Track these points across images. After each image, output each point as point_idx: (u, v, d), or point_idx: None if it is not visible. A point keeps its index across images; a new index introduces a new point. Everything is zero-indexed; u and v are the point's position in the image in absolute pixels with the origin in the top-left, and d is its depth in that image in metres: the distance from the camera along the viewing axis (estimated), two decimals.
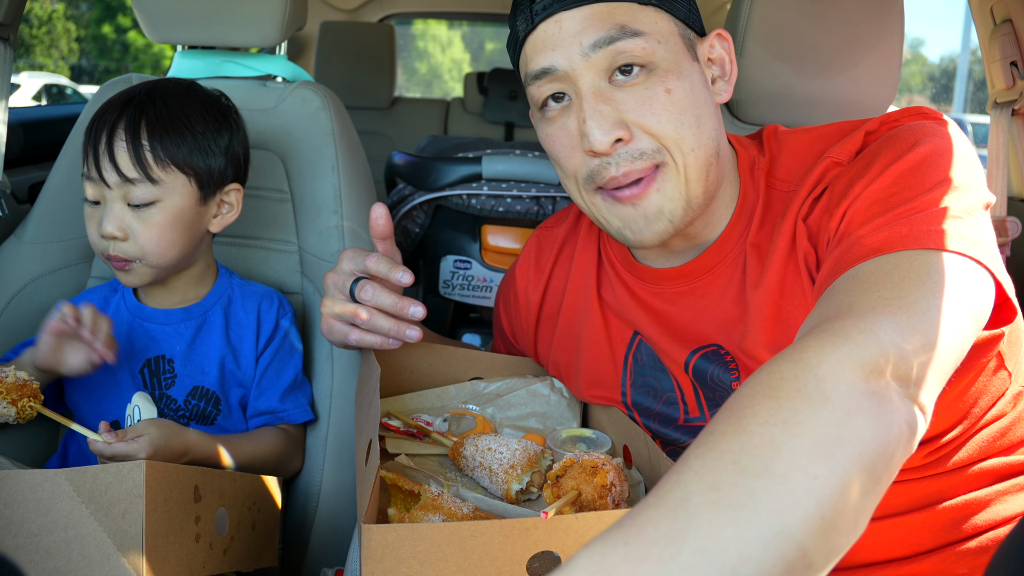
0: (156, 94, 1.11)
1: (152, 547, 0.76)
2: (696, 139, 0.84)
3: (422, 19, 7.23)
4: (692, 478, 0.51)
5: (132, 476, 0.75)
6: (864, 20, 1.21)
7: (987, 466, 0.86)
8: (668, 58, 0.84)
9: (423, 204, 1.92)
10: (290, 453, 1.22)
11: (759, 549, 0.48)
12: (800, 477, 0.51)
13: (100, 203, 1.08)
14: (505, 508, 0.83)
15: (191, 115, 1.11)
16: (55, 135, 1.64)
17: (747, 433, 0.53)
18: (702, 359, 0.92)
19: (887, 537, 0.85)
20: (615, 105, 0.83)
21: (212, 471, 0.89)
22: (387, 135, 3.35)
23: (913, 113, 0.85)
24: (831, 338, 0.60)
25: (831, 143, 0.89)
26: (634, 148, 0.83)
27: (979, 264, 0.70)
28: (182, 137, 1.08)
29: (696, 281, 0.93)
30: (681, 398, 0.95)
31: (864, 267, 0.71)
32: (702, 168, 0.85)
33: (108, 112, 1.09)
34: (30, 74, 12.14)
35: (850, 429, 0.54)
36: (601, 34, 0.82)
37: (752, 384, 0.58)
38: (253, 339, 1.20)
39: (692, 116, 0.84)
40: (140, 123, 1.07)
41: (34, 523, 0.75)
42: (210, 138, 1.11)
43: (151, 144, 1.06)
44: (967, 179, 0.77)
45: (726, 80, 0.90)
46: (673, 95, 0.83)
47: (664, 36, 0.84)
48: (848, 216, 0.78)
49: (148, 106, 1.09)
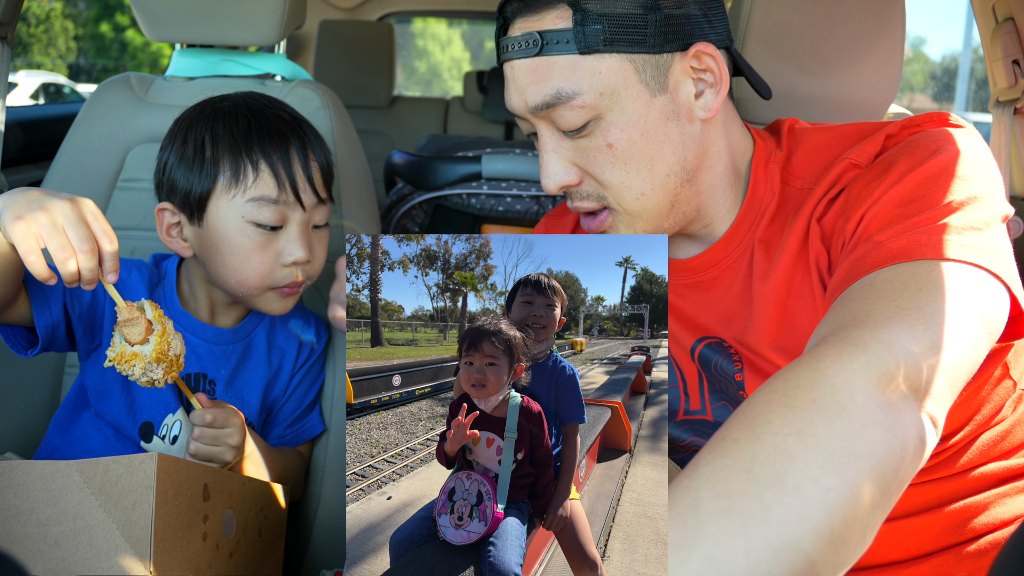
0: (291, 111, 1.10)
1: (160, 540, 0.76)
2: (646, 183, 0.84)
3: (421, 17, 7.23)
4: (703, 485, 0.50)
5: (143, 468, 0.75)
6: (865, 18, 1.20)
7: (987, 470, 0.86)
8: (612, 107, 0.82)
9: (423, 203, 1.91)
10: (301, 477, 1.22)
11: (768, 560, 0.47)
12: (812, 489, 0.50)
13: (277, 228, 1.02)
14: None
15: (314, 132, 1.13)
16: (53, 134, 1.63)
17: (761, 442, 0.52)
18: (707, 348, 0.92)
19: (887, 540, 0.85)
20: (563, 153, 0.86)
21: (221, 471, 0.88)
22: (386, 134, 3.35)
23: (935, 119, 0.84)
24: (848, 348, 0.60)
25: (850, 144, 0.87)
26: (583, 190, 0.87)
27: (996, 278, 0.70)
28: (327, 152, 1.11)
29: (701, 275, 0.93)
30: (684, 389, 0.95)
31: (881, 274, 0.70)
32: (655, 208, 0.86)
33: (272, 127, 1.04)
34: (28, 73, 12.12)
35: (864, 442, 0.53)
36: (538, 100, 0.83)
37: (767, 391, 0.57)
38: (291, 365, 1.17)
39: (640, 161, 0.83)
40: (311, 143, 1.07)
41: (43, 513, 0.75)
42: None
43: (327, 161, 1.08)
44: (987, 190, 0.76)
45: (716, 91, 0.85)
46: (615, 148, 0.83)
47: (608, 85, 0.81)
48: (866, 220, 0.77)
49: (304, 124, 1.08)
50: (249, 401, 1.13)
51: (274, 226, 1.01)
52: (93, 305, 1.06)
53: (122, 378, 1.07)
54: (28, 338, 1.02)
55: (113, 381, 1.09)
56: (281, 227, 1.02)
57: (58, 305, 1.00)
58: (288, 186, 1.01)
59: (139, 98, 1.36)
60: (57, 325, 1.01)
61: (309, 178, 1.03)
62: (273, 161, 1.01)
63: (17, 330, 1.00)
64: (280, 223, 1.02)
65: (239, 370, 1.13)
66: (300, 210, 1.03)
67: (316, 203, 1.05)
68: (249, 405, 1.13)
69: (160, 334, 0.87)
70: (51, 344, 1.02)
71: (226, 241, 1.02)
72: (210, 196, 1.02)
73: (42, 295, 0.99)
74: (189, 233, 1.06)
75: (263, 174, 1.01)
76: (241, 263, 1.02)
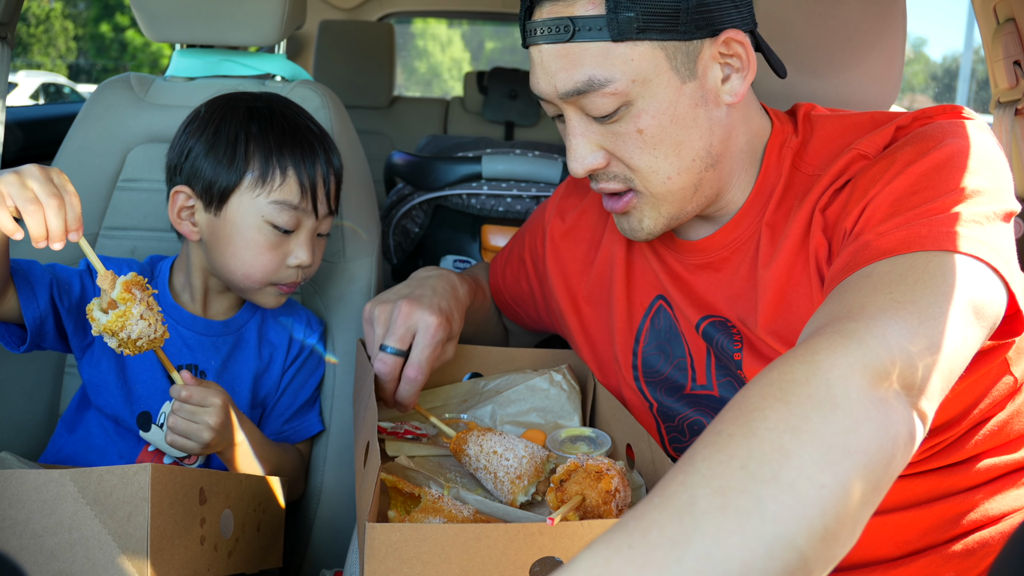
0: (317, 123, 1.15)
1: (157, 550, 0.75)
2: (673, 167, 0.85)
3: (422, 18, 7.23)
4: (699, 481, 0.50)
5: (137, 479, 0.75)
6: (866, 19, 1.20)
7: (982, 465, 0.86)
8: (644, 94, 0.82)
9: (423, 204, 1.91)
10: (300, 474, 1.23)
11: (764, 558, 0.47)
12: (807, 486, 0.50)
13: (292, 232, 1.08)
14: (506, 511, 0.82)
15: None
16: (53, 134, 1.63)
17: (756, 437, 0.52)
18: (710, 326, 0.93)
19: (876, 535, 0.85)
20: (592, 137, 0.86)
21: (218, 472, 0.88)
22: (386, 134, 3.34)
23: (948, 111, 0.83)
24: (843, 341, 0.60)
25: (862, 133, 0.87)
26: (609, 171, 0.88)
27: (995, 272, 0.69)
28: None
29: (712, 256, 0.94)
30: (691, 364, 0.96)
31: (879, 266, 0.70)
32: (680, 192, 0.87)
33: (306, 141, 1.10)
34: (28, 73, 12.12)
35: (857, 439, 0.54)
36: (569, 87, 0.83)
37: (762, 383, 0.57)
38: (282, 359, 1.20)
39: (669, 146, 0.84)
40: (333, 156, 1.13)
41: (38, 524, 0.74)
42: None
43: (340, 177, 1.15)
44: (991, 185, 0.75)
45: (743, 76, 0.86)
46: (645, 134, 0.84)
47: (640, 72, 0.81)
48: (867, 212, 0.77)
49: (327, 138, 1.14)
50: (239, 392, 1.16)
51: (287, 229, 1.07)
52: (82, 299, 1.08)
53: (117, 370, 1.11)
54: (20, 335, 1.04)
55: (108, 373, 1.11)
56: (294, 231, 1.08)
57: (45, 297, 1.03)
58: (309, 194, 1.08)
59: (139, 98, 1.36)
60: (45, 318, 1.03)
61: (327, 190, 1.10)
62: (300, 170, 1.08)
63: (11, 328, 1.03)
64: (294, 227, 1.08)
65: (229, 361, 1.16)
66: (314, 218, 1.09)
67: (327, 214, 1.11)
68: (239, 396, 1.16)
69: (120, 314, 0.88)
70: (42, 338, 1.05)
71: (241, 235, 1.07)
72: (235, 190, 1.07)
73: (29, 288, 1.02)
74: (202, 219, 1.09)
75: (290, 180, 1.07)
76: (252, 258, 1.07)
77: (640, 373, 1.00)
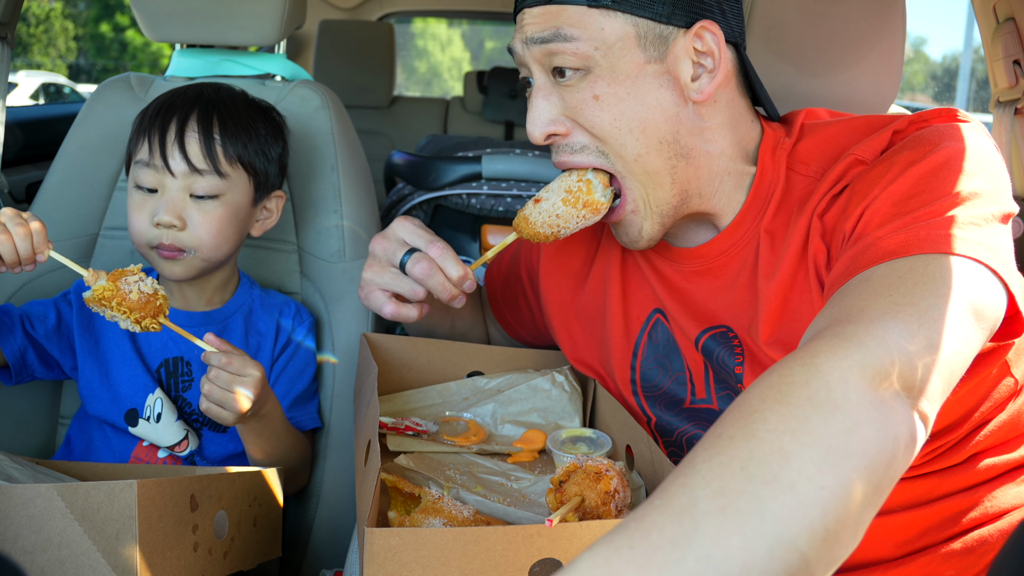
0: (224, 94, 1.16)
1: (148, 565, 0.75)
2: (641, 144, 0.85)
3: (421, 17, 7.22)
4: (699, 482, 0.50)
5: (124, 496, 0.74)
6: (866, 18, 1.20)
7: (982, 465, 0.86)
8: (603, 64, 0.84)
9: (423, 203, 1.91)
10: (307, 460, 1.23)
11: (764, 559, 0.47)
12: (808, 488, 0.50)
13: (156, 191, 1.09)
14: (506, 512, 0.82)
15: (256, 119, 1.16)
16: (53, 134, 1.63)
17: (756, 439, 0.52)
18: (711, 339, 0.92)
19: (875, 536, 0.85)
20: (554, 101, 0.87)
21: (210, 476, 0.88)
22: (386, 134, 3.35)
23: (943, 115, 0.83)
24: (843, 343, 0.60)
25: (858, 136, 0.87)
26: (572, 141, 0.88)
27: (994, 273, 0.69)
28: (249, 137, 1.13)
29: (711, 262, 0.94)
30: (690, 378, 0.96)
31: (879, 270, 0.70)
32: (656, 176, 0.87)
33: (175, 104, 1.11)
34: (28, 73, 12.13)
35: (858, 440, 0.54)
36: (537, 33, 0.86)
37: (762, 386, 0.57)
38: (271, 349, 1.20)
39: (631, 120, 0.85)
40: (212, 118, 1.11)
41: (28, 540, 0.74)
42: (269, 143, 1.17)
43: (222, 139, 1.11)
44: (989, 187, 0.75)
45: (712, 77, 0.85)
46: (601, 100, 0.84)
47: (606, 41, 0.83)
48: (865, 217, 0.77)
49: (219, 104, 1.13)
50: None
51: (150, 188, 1.09)
52: (60, 324, 1.15)
53: (101, 376, 1.15)
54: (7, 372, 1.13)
55: (94, 380, 1.15)
56: (158, 191, 1.09)
57: (19, 331, 1.12)
58: (158, 152, 1.08)
59: (139, 98, 1.36)
60: (24, 350, 1.13)
61: (182, 146, 1.08)
62: (153, 127, 1.10)
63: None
64: (155, 187, 1.09)
65: None
66: (169, 175, 1.08)
67: (189, 172, 1.08)
68: None
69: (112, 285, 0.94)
70: (29, 369, 1.14)
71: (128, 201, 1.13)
72: (130, 160, 1.13)
73: (5, 327, 1.11)
74: None
75: (145, 139, 1.10)
76: (130, 222, 1.11)
77: (639, 388, 1.00)
